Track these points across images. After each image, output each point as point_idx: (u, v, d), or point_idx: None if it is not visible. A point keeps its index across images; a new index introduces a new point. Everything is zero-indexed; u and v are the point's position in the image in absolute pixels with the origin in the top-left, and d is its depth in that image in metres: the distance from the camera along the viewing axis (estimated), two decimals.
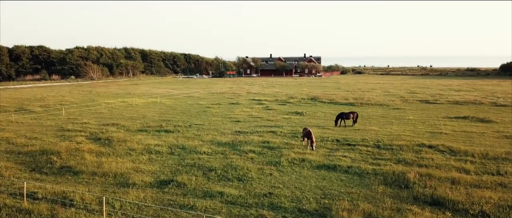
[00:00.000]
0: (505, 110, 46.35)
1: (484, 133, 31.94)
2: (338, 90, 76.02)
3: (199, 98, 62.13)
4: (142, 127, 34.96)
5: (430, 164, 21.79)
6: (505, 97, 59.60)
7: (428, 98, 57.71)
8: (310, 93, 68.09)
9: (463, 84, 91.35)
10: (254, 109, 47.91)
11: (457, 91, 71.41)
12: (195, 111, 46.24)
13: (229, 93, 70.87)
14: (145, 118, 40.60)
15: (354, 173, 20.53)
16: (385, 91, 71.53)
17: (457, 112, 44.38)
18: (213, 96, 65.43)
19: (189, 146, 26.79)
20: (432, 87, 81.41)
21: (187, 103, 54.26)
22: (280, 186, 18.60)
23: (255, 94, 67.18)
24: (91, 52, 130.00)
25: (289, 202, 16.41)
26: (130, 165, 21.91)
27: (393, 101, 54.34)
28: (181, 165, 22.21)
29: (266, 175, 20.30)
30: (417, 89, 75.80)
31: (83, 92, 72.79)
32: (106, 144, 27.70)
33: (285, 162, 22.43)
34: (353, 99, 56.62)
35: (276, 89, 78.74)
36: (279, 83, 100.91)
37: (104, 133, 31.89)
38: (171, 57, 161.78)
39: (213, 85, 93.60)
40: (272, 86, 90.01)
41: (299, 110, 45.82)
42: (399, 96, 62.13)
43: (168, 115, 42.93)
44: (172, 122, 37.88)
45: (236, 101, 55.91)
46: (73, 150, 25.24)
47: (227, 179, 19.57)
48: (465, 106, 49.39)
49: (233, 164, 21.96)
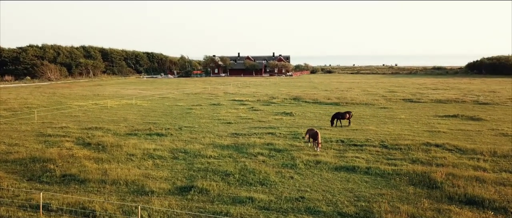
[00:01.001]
0: (489, 108, 48.57)
1: (480, 131, 33.33)
2: (316, 90, 77.02)
3: (176, 99, 61.13)
4: (130, 130, 34.00)
5: (445, 163, 22.47)
6: (484, 95, 62.48)
7: (410, 97, 59.56)
8: (289, 93, 68.59)
9: (437, 83, 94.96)
10: (240, 109, 47.72)
11: (435, 90, 74.16)
12: (177, 113, 45.47)
13: (205, 93, 70.19)
14: (127, 121, 39.49)
15: (375, 174, 20.85)
16: (364, 91, 73.21)
17: (444, 110, 46.07)
18: (190, 97, 64.59)
19: (191, 149, 26.32)
20: (408, 86, 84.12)
21: (165, 105, 53.26)
22: (307, 189, 18.60)
23: (233, 95, 66.92)
24: (47, 51, 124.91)
25: (325, 205, 16.45)
26: (138, 171, 21.25)
27: (377, 101, 55.69)
28: (192, 170, 21.77)
29: (287, 178, 20.25)
30: (395, 88, 78.08)
31: (46, 94, 69.82)
32: (100, 149, 26.72)
33: (301, 164, 22.48)
34: (336, 99, 57.55)
35: (252, 89, 78.76)
36: (253, 83, 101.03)
37: (91, 137, 30.80)
38: (133, 56, 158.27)
39: (184, 86, 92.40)
40: (247, 86, 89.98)
41: (287, 110, 46.04)
42: (380, 95, 63.76)
43: (151, 118, 41.98)
44: (159, 124, 37.08)
45: (217, 102, 55.46)
46: (67, 157, 24.18)
47: (249, 184, 19.37)
48: (450, 105, 51.36)
49: (247, 167, 21.76)
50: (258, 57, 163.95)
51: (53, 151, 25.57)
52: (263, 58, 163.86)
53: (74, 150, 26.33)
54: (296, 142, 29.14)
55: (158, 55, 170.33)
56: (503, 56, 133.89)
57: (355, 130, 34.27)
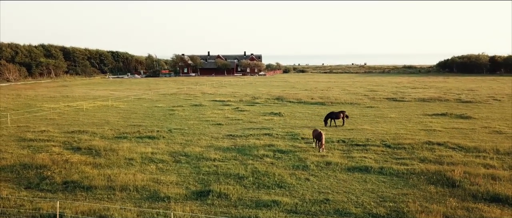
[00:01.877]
0: (472, 106, 50.41)
1: (474, 129, 34.54)
2: (295, 89, 77.60)
3: (153, 100, 60.07)
4: (117, 133, 33.19)
5: (455, 162, 23.16)
6: (464, 93, 64.76)
7: (393, 96, 60.99)
8: (270, 93, 68.76)
9: (413, 81, 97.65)
10: (225, 110, 47.48)
11: (414, 89, 76.24)
12: (160, 114, 44.74)
13: (182, 94, 69.33)
14: (110, 124, 38.50)
15: (389, 174, 21.23)
16: (344, 90, 74.39)
17: (431, 109, 47.45)
18: (167, 98, 63.63)
19: (191, 152, 25.97)
20: (386, 85, 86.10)
21: (144, 106, 52.26)
22: (327, 191, 18.72)
23: (212, 95, 66.46)
24: (4, 50, 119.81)
25: (353, 207, 16.60)
26: (144, 176, 20.78)
27: (361, 100, 56.70)
28: (201, 174, 21.49)
29: (303, 180, 20.32)
30: (374, 87, 79.75)
31: (11, 96, 66.99)
32: (93, 154, 25.93)
33: (312, 165, 22.62)
34: (320, 99, 58.19)
35: (230, 89, 78.49)
36: (228, 83, 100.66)
37: (78, 141, 29.89)
38: (97, 55, 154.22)
39: (156, 86, 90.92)
40: (223, 86, 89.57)
41: (275, 111, 46.16)
42: (362, 94, 64.94)
43: (134, 120, 41.11)
44: (146, 127, 36.37)
45: (198, 103, 54.93)
46: (61, 162, 23.34)
47: (266, 187, 19.31)
48: (434, 104, 52.94)
49: (259, 170, 21.70)
50: (229, 56, 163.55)
51: (43, 157, 24.58)
52: (234, 57, 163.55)
53: (65, 155, 25.42)
54: (296, 142, 29.29)
55: (123, 54, 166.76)
56: (473, 55, 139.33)
57: (351, 129, 34.77)
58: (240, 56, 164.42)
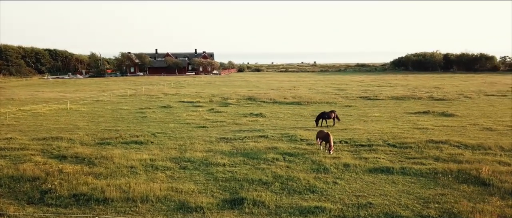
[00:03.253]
0: (447, 103, 52.84)
1: (463, 126, 36.19)
2: (261, 89, 77.75)
3: (113, 102, 57.85)
4: (97, 139, 31.78)
5: (470, 160, 24.15)
6: (432, 91, 67.79)
7: (365, 95, 62.67)
8: (237, 93, 68.38)
9: (374, 80, 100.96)
10: (199, 112, 46.66)
11: (380, 87, 78.81)
12: (131, 118, 43.21)
13: (141, 95, 67.32)
14: (82, 129, 36.65)
15: (413, 174, 21.75)
16: (311, 89, 75.52)
17: (410, 107, 49.24)
18: (127, 99, 61.53)
19: (195, 158, 25.32)
20: (351, 84, 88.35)
21: (108, 109, 50.22)
22: (363, 194, 18.86)
23: (175, 96, 65.13)
24: None
25: (401, 210, 16.82)
26: (163, 185, 20.02)
27: (336, 99, 57.79)
28: (220, 180, 20.98)
29: (331, 184, 20.34)
30: (340, 86, 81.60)
31: None
32: (85, 162, 24.64)
33: (332, 168, 22.72)
34: (293, 98, 58.64)
35: (192, 90, 77.33)
36: (186, 82, 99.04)
37: (58, 149, 28.31)
38: (32, 53, 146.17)
39: (107, 87, 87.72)
40: (182, 86, 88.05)
41: (254, 111, 45.96)
42: (333, 93, 66.20)
43: (105, 124, 39.40)
44: (123, 131, 35.03)
45: (166, 104, 53.62)
46: (55, 173, 21.93)
47: (298, 192, 19.15)
48: (410, 102, 54.93)
49: (279, 175, 21.58)
50: (180, 54, 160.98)
51: (30, 168, 22.93)
52: (185, 55, 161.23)
53: (53, 164, 23.90)
54: (297, 144, 29.33)
55: (62, 53, 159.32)
56: (428, 53, 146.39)
57: (344, 129, 35.29)
58: (191, 54, 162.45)
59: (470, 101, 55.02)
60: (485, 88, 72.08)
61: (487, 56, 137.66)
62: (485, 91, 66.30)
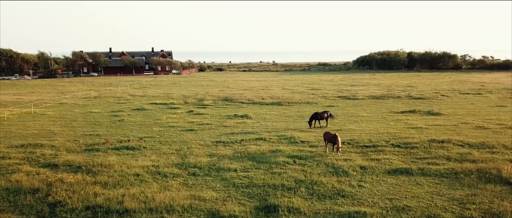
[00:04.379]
0: (427, 102, 54.55)
1: (456, 125, 37.44)
2: (233, 89, 77.36)
3: (79, 105, 55.80)
4: (83, 145, 30.57)
5: (481, 159, 24.92)
6: (409, 90, 69.78)
7: (343, 95, 63.71)
8: (210, 93, 67.65)
9: (344, 79, 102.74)
10: (179, 114, 45.88)
11: (353, 86, 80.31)
12: (108, 121, 41.86)
13: (107, 97, 65.31)
14: (59, 135, 35.19)
15: (434, 175, 22.23)
16: (285, 89, 75.93)
17: (393, 106, 50.46)
18: (93, 102, 59.54)
19: (200, 163, 24.88)
20: (322, 83, 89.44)
21: (77, 113, 48.38)
22: (394, 197, 19.06)
23: (144, 98, 63.72)
24: None
25: (441, 212, 17.13)
26: (181, 194, 19.48)
27: (315, 99, 58.40)
28: (240, 186, 20.73)
29: (357, 187, 20.46)
30: (313, 86, 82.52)
31: None
32: (83, 171, 23.63)
33: (350, 171, 22.81)
34: (271, 99, 58.70)
35: (159, 90, 75.88)
36: (149, 83, 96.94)
37: (44, 157, 27.17)
38: None
39: (67, 88, 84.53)
40: (146, 87, 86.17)
41: (238, 113, 45.64)
42: (309, 94, 66.80)
43: (82, 129, 37.99)
44: (107, 136, 33.83)
45: (140, 107, 52.36)
46: (57, 184, 20.95)
47: (328, 197, 19.14)
48: (391, 101, 56.26)
49: (300, 179, 21.56)
50: (136, 53, 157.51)
51: (24, 178, 21.73)
52: (141, 54, 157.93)
53: (48, 174, 22.82)
54: (299, 146, 29.41)
55: (6, 52, 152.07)
56: (392, 52, 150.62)
57: (339, 130, 35.61)
58: (148, 53, 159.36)
59: (448, 100, 57.03)
60: (457, 87, 74.96)
61: (450, 55, 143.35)
62: (458, 90, 68.97)
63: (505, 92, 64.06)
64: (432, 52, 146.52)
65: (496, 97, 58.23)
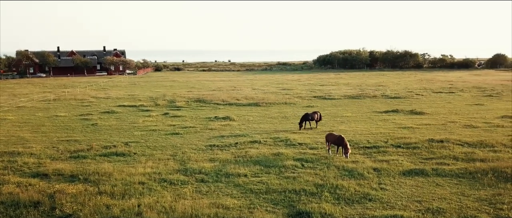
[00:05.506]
0: (406, 101, 55.97)
1: (444, 124, 38.55)
2: (200, 90, 76.47)
3: (39, 109, 53.41)
4: (68, 152, 29.50)
5: (488, 158, 25.73)
6: (381, 89, 71.34)
7: (318, 95, 64.32)
8: (179, 94, 66.46)
9: (310, 78, 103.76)
10: (154, 117, 44.86)
11: (322, 86, 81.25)
12: (79, 126, 40.33)
13: (67, 99, 62.83)
14: (32, 141, 33.57)
15: (450, 175, 22.75)
16: (256, 89, 75.79)
17: (373, 106, 51.42)
18: (55, 105, 57.14)
19: (205, 169, 24.44)
20: (291, 83, 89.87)
21: (41, 117, 46.29)
22: (422, 199, 19.33)
23: (108, 100, 61.88)
24: None
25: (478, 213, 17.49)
26: (203, 202, 19.03)
27: (291, 99, 58.55)
28: (259, 193, 20.47)
29: (380, 190, 20.64)
30: (283, 85, 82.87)
31: None
32: (80, 180, 22.60)
33: (366, 173, 22.94)
34: (246, 99, 58.43)
35: (122, 92, 73.86)
36: (107, 84, 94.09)
37: (26, 166, 26.01)
38: None
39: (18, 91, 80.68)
40: (105, 88, 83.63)
41: (219, 115, 45.08)
42: (282, 94, 66.97)
43: (55, 134, 36.47)
44: (86, 142, 32.70)
45: (109, 110, 50.72)
46: (59, 195, 19.74)
47: (356, 201, 19.16)
48: (368, 101, 57.28)
49: (319, 183, 21.53)
50: (87, 52, 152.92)
51: (16, 190, 20.45)
52: (92, 54, 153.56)
53: (42, 185, 21.74)
54: (299, 149, 29.49)
55: None
56: (353, 51, 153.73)
57: (330, 131, 35.73)
58: (100, 52, 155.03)
59: (425, 98, 58.75)
60: (427, 86, 77.39)
61: (411, 54, 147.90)
62: (430, 89, 71.21)
63: (476, 91, 66.68)
64: (393, 51, 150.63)
65: (470, 96, 60.51)
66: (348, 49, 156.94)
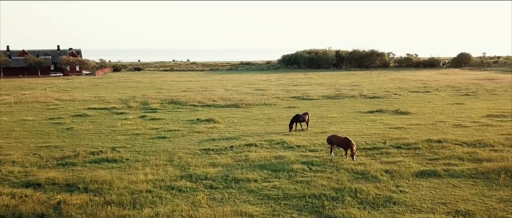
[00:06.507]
0: (386, 101, 56.92)
1: (434, 124, 39.37)
2: (171, 91, 75.26)
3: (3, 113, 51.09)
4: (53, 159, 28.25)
5: (493, 158, 26.30)
6: (357, 89, 72.33)
7: (292, 95, 64.49)
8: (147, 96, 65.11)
9: (280, 78, 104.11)
10: (132, 120, 43.73)
11: (296, 86, 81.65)
12: (54, 130, 38.88)
13: (30, 102, 60.47)
14: (5, 148, 32.04)
15: (461, 176, 23.18)
16: (229, 90, 75.34)
17: (355, 106, 52.05)
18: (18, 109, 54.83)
19: (210, 174, 23.97)
20: (262, 83, 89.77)
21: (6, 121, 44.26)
22: (445, 201, 19.56)
23: (74, 102, 59.94)
24: None
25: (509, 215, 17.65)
26: (225, 210, 18.59)
27: (269, 100, 58.46)
28: (278, 199, 20.16)
29: (399, 192, 20.74)
30: (255, 86, 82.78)
31: None
32: (79, 191, 21.62)
33: (379, 176, 23.03)
34: (223, 101, 57.90)
35: (86, 94, 71.74)
36: (68, 86, 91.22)
37: (12, 175, 24.78)
38: None
39: None
40: (66, 90, 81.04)
41: (200, 117, 44.45)
42: (258, 94, 66.78)
43: (28, 140, 35.00)
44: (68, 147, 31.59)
45: (79, 113, 49.13)
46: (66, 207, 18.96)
47: (381, 205, 19.22)
48: (348, 101, 57.91)
49: (338, 187, 21.46)
50: (39, 52, 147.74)
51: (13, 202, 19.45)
52: (46, 53, 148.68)
53: (39, 196, 20.71)
54: (299, 151, 29.39)
55: None
56: (320, 50, 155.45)
57: (323, 132, 36.02)
58: (54, 51, 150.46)
59: (403, 98, 59.97)
60: (401, 85, 79.10)
61: (378, 53, 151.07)
62: (405, 88, 72.83)
63: (451, 90, 68.64)
64: (360, 50, 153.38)
65: (448, 95, 62.18)
66: (313, 48, 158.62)
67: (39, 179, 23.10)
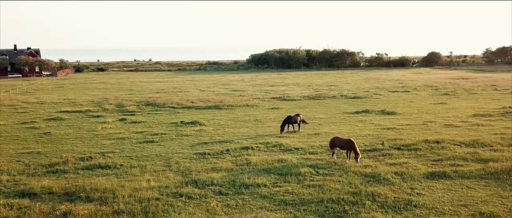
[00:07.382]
0: (369, 101, 57.61)
1: (424, 124, 40.03)
2: (143, 93, 73.99)
3: None
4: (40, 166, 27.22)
5: (495, 158, 26.87)
6: (335, 89, 72.93)
7: (273, 96, 64.48)
8: (119, 98, 63.77)
9: (253, 78, 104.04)
10: (111, 123, 42.69)
11: (272, 86, 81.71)
12: (30, 136, 37.52)
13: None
14: None
15: (471, 177, 23.57)
16: (204, 91, 74.76)
17: (340, 107, 52.55)
18: None
19: (216, 180, 23.62)
20: (237, 84, 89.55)
21: None
22: (465, 203, 19.83)
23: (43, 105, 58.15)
24: None
25: None
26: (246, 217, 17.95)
27: (250, 101, 58.33)
28: (296, 204, 20.08)
29: (416, 195, 20.89)
30: (231, 86, 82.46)
31: None
32: (81, 200, 20.83)
33: (391, 178, 23.13)
34: (202, 102, 57.32)
35: (54, 96, 69.64)
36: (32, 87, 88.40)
37: (1, 185, 23.45)
38: None
39: None
40: (29, 92, 78.56)
41: (184, 119, 43.86)
42: (236, 95, 66.47)
43: (7, 146, 33.66)
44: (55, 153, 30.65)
45: (53, 116, 47.62)
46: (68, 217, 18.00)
47: (402, 208, 19.28)
48: (329, 101, 58.33)
49: (353, 191, 21.51)
50: None
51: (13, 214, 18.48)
52: (2, 53, 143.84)
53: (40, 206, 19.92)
54: (298, 154, 29.32)
55: None
56: (290, 50, 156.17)
57: (317, 134, 36.13)
58: (10, 51, 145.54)
59: (385, 98, 60.89)
60: (378, 85, 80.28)
61: (348, 52, 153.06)
62: (384, 88, 73.96)
63: (430, 90, 70.13)
64: (330, 50, 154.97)
65: (428, 95, 63.49)
66: (284, 48, 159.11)
67: (34, 188, 22.12)
